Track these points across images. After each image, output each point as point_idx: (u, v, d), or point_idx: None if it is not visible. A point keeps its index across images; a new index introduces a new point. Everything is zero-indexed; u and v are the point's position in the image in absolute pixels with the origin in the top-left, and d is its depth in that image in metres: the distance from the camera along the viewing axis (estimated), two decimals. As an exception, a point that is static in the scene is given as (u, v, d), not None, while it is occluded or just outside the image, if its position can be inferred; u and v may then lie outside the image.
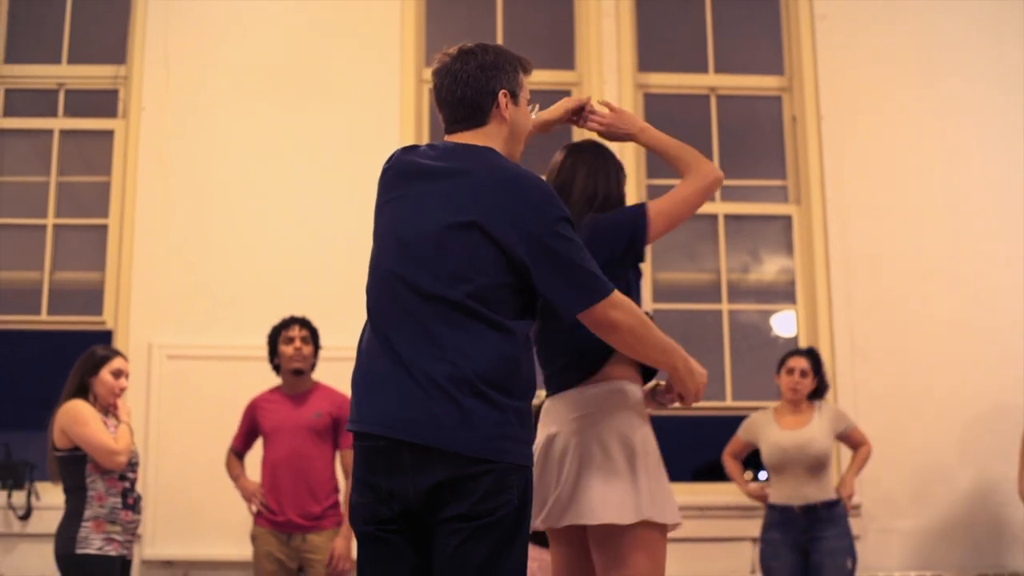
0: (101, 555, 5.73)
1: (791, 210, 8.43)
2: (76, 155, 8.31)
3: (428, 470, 3.20)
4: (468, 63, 3.52)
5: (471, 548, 3.19)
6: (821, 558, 6.69)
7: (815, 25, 8.51)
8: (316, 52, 8.23)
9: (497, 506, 3.20)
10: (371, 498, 3.31)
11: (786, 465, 6.80)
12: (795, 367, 7.00)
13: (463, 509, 3.19)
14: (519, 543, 3.27)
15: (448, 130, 3.57)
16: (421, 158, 3.49)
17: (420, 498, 3.23)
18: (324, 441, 6.71)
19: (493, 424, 3.21)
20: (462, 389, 3.20)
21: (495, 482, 3.20)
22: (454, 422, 3.18)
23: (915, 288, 8.13)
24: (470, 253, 3.29)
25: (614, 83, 8.31)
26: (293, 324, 6.83)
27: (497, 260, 3.29)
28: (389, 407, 3.26)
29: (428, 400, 3.20)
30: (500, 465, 3.21)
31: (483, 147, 3.47)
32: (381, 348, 3.33)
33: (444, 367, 3.21)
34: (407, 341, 3.28)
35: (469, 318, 3.26)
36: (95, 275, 8.01)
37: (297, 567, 6.66)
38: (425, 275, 3.30)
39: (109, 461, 5.79)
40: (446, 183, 3.39)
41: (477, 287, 3.27)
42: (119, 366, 6.07)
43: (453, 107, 3.53)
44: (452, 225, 3.31)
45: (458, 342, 3.24)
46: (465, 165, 3.40)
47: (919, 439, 7.86)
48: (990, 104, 8.48)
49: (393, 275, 3.37)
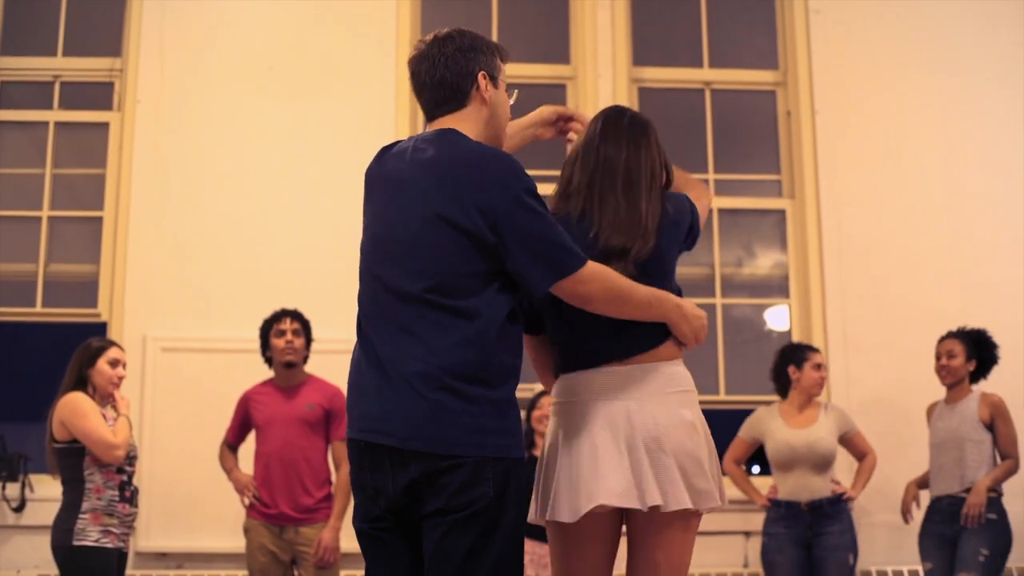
0: (98, 547, 5.74)
1: (785, 204, 8.44)
2: (71, 147, 8.30)
3: (404, 468, 3.24)
4: (445, 46, 3.52)
5: (452, 541, 3.22)
6: (823, 553, 6.71)
7: (810, 19, 8.51)
8: (312, 44, 8.22)
9: (473, 499, 3.21)
10: (361, 497, 3.38)
11: (794, 463, 6.81)
12: (822, 363, 7.06)
13: (440, 504, 3.22)
14: (503, 534, 3.26)
15: (430, 116, 3.56)
16: (397, 155, 3.49)
17: (399, 495, 3.27)
18: (316, 433, 6.71)
19: (463, 418, 3.22)
20: (430, 385, 3.22)
21: (469, 475, 3.21)
22: (423, 420, 3.21)
23: (909, 282, 8.15)
24: (438, 245, 3.29)
25: (609, 77, 8.32)
26: (284, 317, 6.83)
27: (466, 248, 3.28)
28: (368, 408, 3.31)
29: (399, 399, 3.24)
30: (472, 459, 3.22)
31: (444, 129, 3.46)
32: (363, 352, 3.38)
33: (414, 364, 3.24)
34: (383, 341, 3.31)
35: (437, 312, 3.27)
36: (90, 267, 8.01)
37: (290, 559, 6.66)
38: (397, 273, 3.33)
39: (107, 455, 5.79)
40: (415, 177, 3.38)
41: (444, 279, 3.27)
42: (116, 356, 6.08)
43: (433, 90, 3.52)
44: (419, 220, 3.32)
45: (427, 337, 3.25)
46: (431, 155, 3.39)
47: (912, 433, 7.85)
48: (985, 97, 8.50)
49: (372, 276, 3.41)
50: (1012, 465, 6.85)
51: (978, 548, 6.63)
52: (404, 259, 3.32)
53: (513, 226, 3.27)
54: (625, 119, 3.78)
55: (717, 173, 8.50)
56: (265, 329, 6.86)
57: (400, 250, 3.34)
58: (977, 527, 6.65)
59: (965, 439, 6.85)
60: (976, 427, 6.83)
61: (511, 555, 3.29)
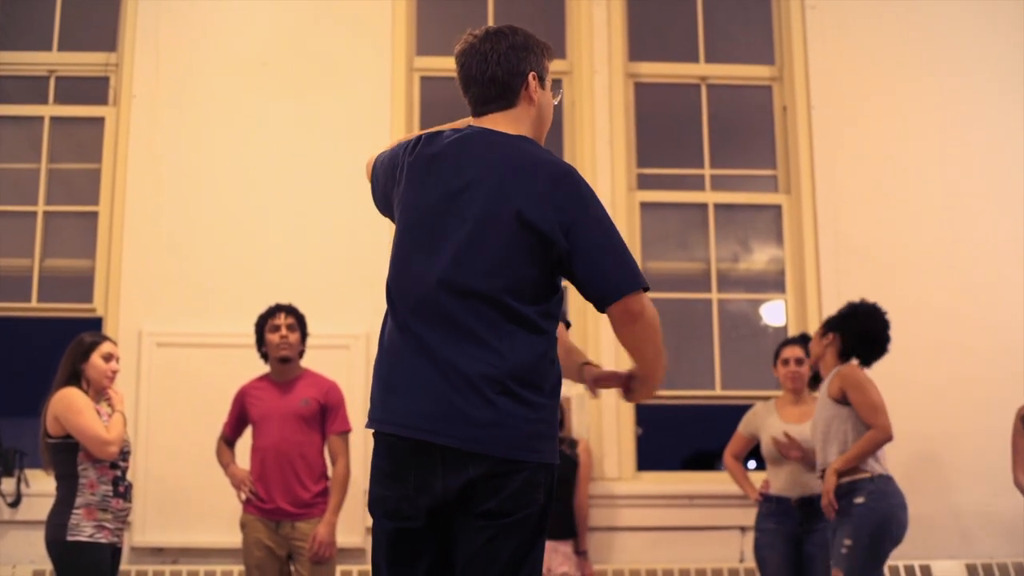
0: (92, 542, 5.73)
1: (781, 199, 8.44)
2: (67, 142, 8.30)
3: (460, 469, 3.20)
4: (499, 43, 3.48)
5: (500, 545, 3.20)
6: (814, 550, 6.68)
7: (806, 15, 8.52)
8: (307, 40, 8.22)
9: (526, 503, 3.21)
10: (396, 492, 3.28)
11: (785, 459, 6.79)
12: (790, 357, 6.99)
13: (493, 506, 3.19)
14: (541, 540, 3.28)
15: (477, 112, 3.52)
16: (448, 147, 3.42)
17: (451, 495, 3.22)
18: (312, 428, 6.70)
19: (525, 423, 3.21)
20: (495, 388, 3.19)
21: (525, 481, 3.20)
22: (487, 422, 3.18)
23: (905, 277, 8.15)
24: (507, 245, 3.25)
25: (605, 72, 8.31)
26: (279, 312, 6.82)
27: (535, 251, 3.25)
28: (417, 405, 3.24)
29: (459, 399, 3.19)
30: (531, 464, 3.21)
31: (517, 136, 3.42)
32: (407, 344, 3.29)
33: (477, 365, 3.20)
34: (438, 338, 3.24)
35: (504, 314, 3.23)
36: (85, 262, 8.01)
37: (286, 554, 6.66)
38: (456, 266, 3.26)
39: (101, 451, 5.78)
40: (477, 172, 3.33)
41: (513, 281, 3.24)
42: (109, 350, 6.07)
43: (483, 86, 3.47)
44: (489, 216, 3.27)
45: (492, 340, 3.22)
46: (497, 153, 3.35)
47: (908, 427, 7.84)
48: (982, 93, 8.50)
49: (423, 269, 3.31)
50: (875, 435, 6.12)
51: (841, 539, 6.03)
52: (469, 254, 3.26)
53: (591, 237, 3.26)
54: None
55: (713, 168, 8.49)
56: (260, 324, 6.85)
57: (463, 245, 3.27)
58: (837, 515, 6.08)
59: (818, 420, 6.33)
60: (826, 405, 6.28)
61: (540, 560, 3.31)
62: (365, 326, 7.58)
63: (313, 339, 6.97)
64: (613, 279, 3.26)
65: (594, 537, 7.50)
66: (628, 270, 3.27)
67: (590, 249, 3.26)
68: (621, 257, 3.28)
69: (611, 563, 7.56)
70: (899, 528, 6.13)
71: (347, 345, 7.60)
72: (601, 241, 3.27)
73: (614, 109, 8.19)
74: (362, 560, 7.49)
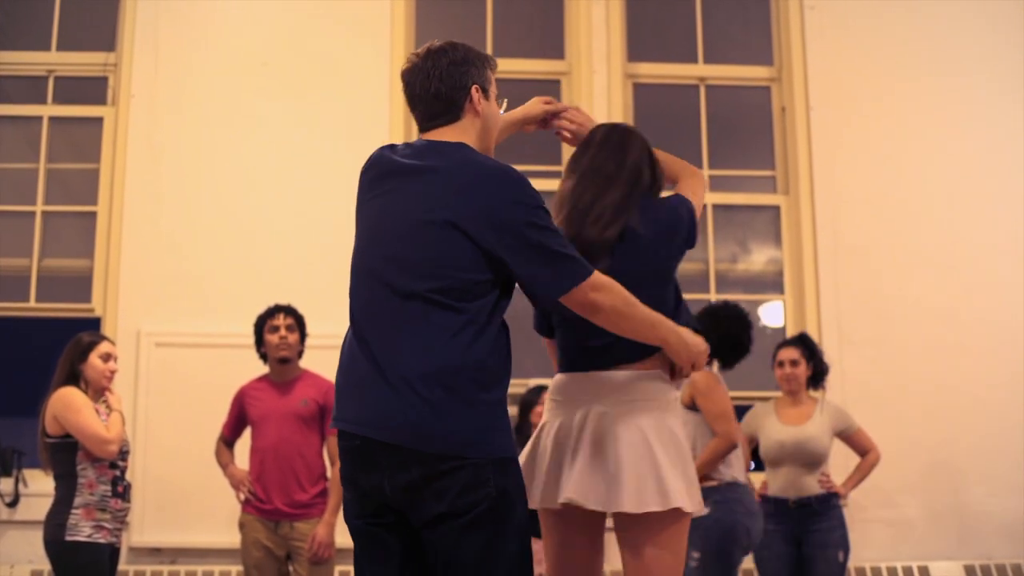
0: (90, 542, 5.73)
1: (779, 200, 8.45)
2: (65, 142, 8.30)
3: (402, 468, 3.24)
4: (440, 60, 3.54)
5: (464, 547, 3.23)
6: (812, 551, 6.68)
7: (804, 15, 8.52)
8: (306, 41, 8.22)
9: (476, 500, 3.22)
10: (354, 493, 3.39)
11: (783, 460, 6.78)
12: (785, 359, 6.98)
13: (443, 508, 3.22)
14: (512, 531, 3.29)
15: (424, 127, 3.60)
16: (399, 157, 3.52)
17: (396, 495, 3.27)
18: (311, 429, 6.70)
19: (464, 419, 3.24)
20: (431, 386, 3.22)
21: (471, 477, 3.23)
22: (425, 420, 3.21)
23: (903, 278, 8.16)
24: (444, 250, 3.32)
25: (603, 73, 8.32)
26: (278, 312, 6.82)
27: (473, 256, 3.31)
28: (363, 406, 3.31)
29: (399, 398, 3.23)
30: (472, 460, 3.23)
31: (455, 143, 3.50)
32: (358, 347, 3.37)
33: (415, 364, 3.24)
34: (380, 339, 3.32)
35: (439, 312, 3.28)
36: (84, 262, 8.01)
37: (285, 555, 6.65)
38: (399, 272, 3.34)
39: (101, 450, 5.78)
40: (421, 181, 3.41)
41: (450, 282, 3.29)
42: (107, 350, 6.06)
43: (428, 103, 3.55)
44: (426, 222, 3.34)
45: (427, 338, 3.27)
46: (439, 162, 3.42)
47: (906, 428, 7.88)
48: (980, 93, 8.50)
49: (370, 274, 3.41)
50: (718, 444, 6.05)
51: (691, 552, 5.80)
52: (408, 259, 3.34)
53: (525, 240, 3.32)
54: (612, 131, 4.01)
55: (712, 169, 8.49)
56: (259, 325, 6.85)
57: (404, 250, 3.36)
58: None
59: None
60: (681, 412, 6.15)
61: (523, 551, 3.32)
62: (364, 326, 7.57)
63: (312, 339, 6.97)
64: (548, 279, 3.36)
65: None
66: (563, 267, 3.36)
67: (529, 251, 3.33)
68: (553, 255, 3.35)
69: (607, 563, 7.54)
70: (748, 536, 6.13)
71: (346, 345, 7.59)
72: (538, 243, 3.33)
73: (612, 110, 8.19)
74: (360, 560, 7.48)
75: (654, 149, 3.98)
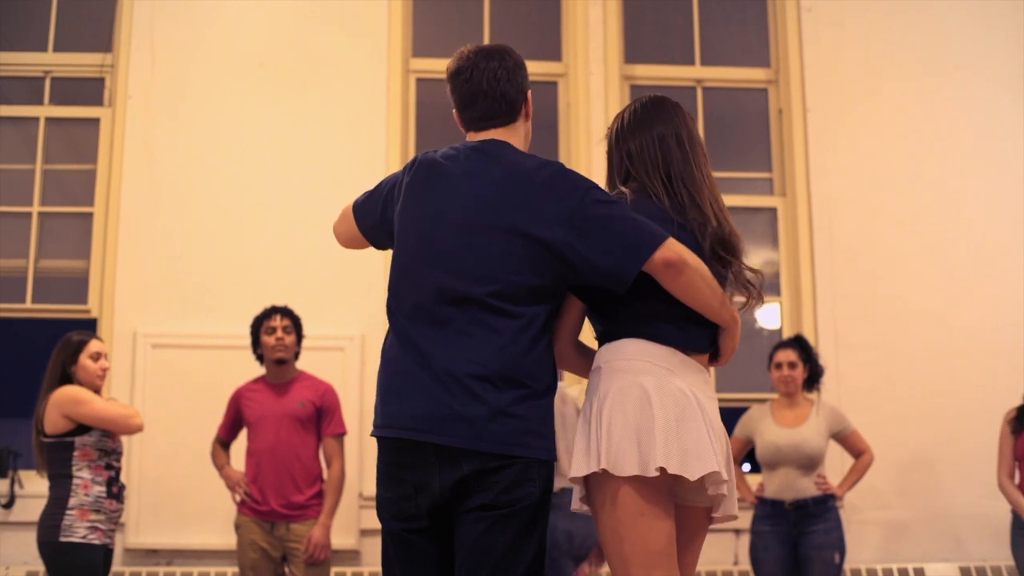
0: (85, 543, 5.72)
1: (776, 202, 8.45)
2: (62, 143, 8.29)
3: (454, 466, 3.28)
4: (505, 60, 3.59)
5: (495, 536, 3.28)
6: (808, 552, 6.69)
7: (801, 17, 8.52)
8: (303, 42, 8.22)
9: (520, 497, 3.28)
10: (398, 492, 3.39)
11: (779, 462, 6.79)
12: (783, 361, 6.98)
13: (487, 499, 3.27)
14: (539, 532, 3.35)
15: (477, 127, 3.61)
16: (448, 159, 3.52)
17: (446, 492, 3.31)
18: (308, 431, 6.70)
19: (516, 420, 3.28)
20: (485, 387, 3.27)
21: (517, 475, 3.28)
22: (477, 420, 3.25)
23: (900, 281, 8.16)
24: (503, 253, 3.34)
25: (600, 74, 8.32)
26: (275, 314, 6.82)
27: (533, 260, 3.34)
28: (413, 407, 3.32)
29: (451, 399, 3.27)
30: (523, 460, 3.29)
31: (506, 144, 3.53)
32: (403, 351, 3.39)
33: (468, 366, 3.28)
34: (432, 341, 3.34)
35: (495, 316, 3.32)
36: (80, 263, 8.00)
37: (281, 556, 6.65)
38: (454, 275, 3.36)
39: (128, 426, 5.86)
40: (477, 183, 3.43)
41: (508, 286, 3.32)
42: (97, 349, 6.05)
43: (493, 101, 3.57)
44: (485, 226, 3.37)
45: (482, 340, 3.30)
46: (494, 165, 3.45)
47: (902, 431, 7.89)
48: (978, 96, 8.51)
49: (420, 275, 3.41)
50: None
51: None
52: (465, 263, 3.36)
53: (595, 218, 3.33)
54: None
55: (709, 171, 8.48)
56: (255, 326, 6.84)
57: (460, 253, 3.38)
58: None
59: None
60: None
61: (543, 554, 3.37)
62: (360, 328, 7.59)
63: (308, 341, 6.97)
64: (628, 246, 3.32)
65: (589, 539, 7.50)
66: (644, 231, 3.34)
67: (595, 230, 3.33)
68: (632, 224, 3.34)
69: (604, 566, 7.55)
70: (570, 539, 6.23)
71: (342, 347, 7.60)
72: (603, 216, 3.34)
73: (610, 111, 8.19)
74: (356, 562, 7.49)
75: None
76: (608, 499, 3.38)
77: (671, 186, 3.56)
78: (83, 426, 5.83)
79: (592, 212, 3.34)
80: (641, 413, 3.35)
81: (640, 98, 3.76)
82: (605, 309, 3.55)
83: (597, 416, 3.40)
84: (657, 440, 3.31)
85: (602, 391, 3.44)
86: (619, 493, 3.35)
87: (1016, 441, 6.87)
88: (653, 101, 3.73)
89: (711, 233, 3.53)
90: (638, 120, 3.69)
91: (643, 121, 3.68)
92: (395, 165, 7.81)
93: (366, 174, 7.73)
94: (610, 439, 3.34)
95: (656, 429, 3.32)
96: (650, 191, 3.56)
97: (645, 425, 3.33)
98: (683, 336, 3.51)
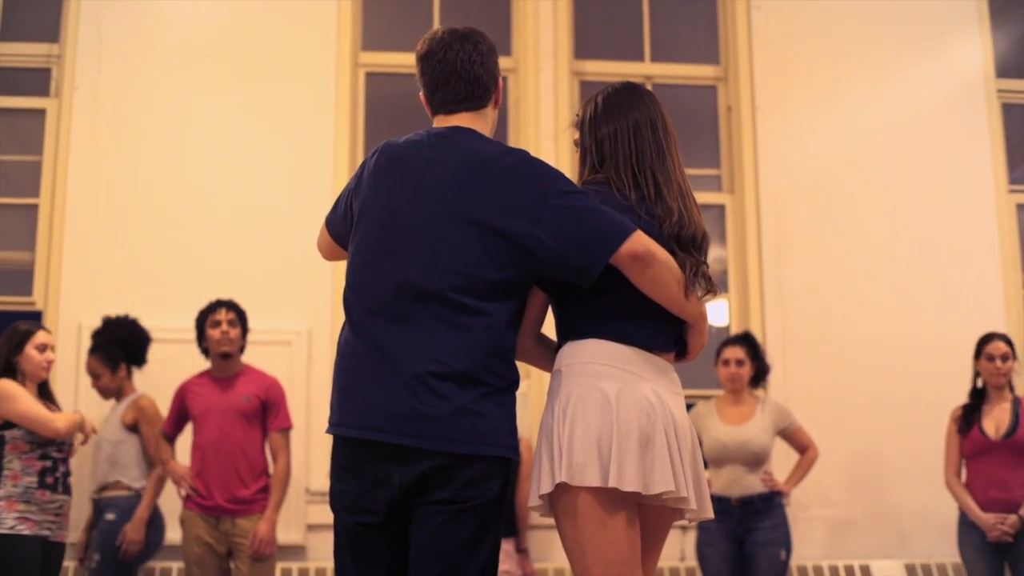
0: (12, 534, 5.64)
1: (724, 199, 8.48)
2: (7, 134, 8.21)
3: (415, 463, 3.22)
4: (479, 44, 3.52)
5: (451, 530, 3.23)
6: (754, 549, 6.71)
7: (751, 15, 8.56)
8: (252, 34, 8.18)
9: (479, 493, 3.23)
10: (355, 485, 3.32)
11: (725, 460, 6.81)
12: (730, 358, 7.00)
13: (446, 495, 3.22)
14: (495, 529, 3.31)
15: (446, 110, 3.52)
16: (410, 147, 3.44)
17: (406, 487, 3.25)
18: (253, 425, 6.68)
19: (479, 419, 3.23)
20: (448, 385, 3.21)
21: (479, 472, 3.23)
22: (438, 419, 3.19)
23: (847, 277, 8.21)
24: (465, 246, 3.27)
25: (550, 70, 8.32)
26: (220, 307, 6.79)
27: (498, 253, 3.27)
28: (373, 406, 3.25)
29: (413, 398, 3.21)
30: (484, 458, 3.24)
31: (472, 131, 3.46)
32: (363, 346, 3.31)
33: (430, 364, 3.21)
34: (392, 337, 3.26)
35: (457, 312, 3.25)
36: (25, 255, 7.93)
37: (226, 551, 6.62)
38: (414, 269, 3.28)
39: (47, 429, 5.73)
40: (440, 173, 3.36)
41: (466, 280, 3.25)
42: (43, 340, 6.00)
43: (466, 83, 3.49)
44: (450, 220, 3.29)
45: (443, 337, 3.23)
46: (453, 151, 3.38)
47: (849, 428, 7.93)
48: (927, 94, 8.56)
49: (381, 269, 3.33)
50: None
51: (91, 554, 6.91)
52: (427, 256, 3.28)
53: (562, 208, 3.27)
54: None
55: (658, 167, 8.49)
56: (200, 319, 6.81)
57: (423, 246, 3.29)
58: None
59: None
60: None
61: (497, 551, 3.34)
62: (307, 322, 7.56)
63: (254, 335, 6.95)
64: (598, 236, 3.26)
65: (535, 535, 7.50)
66: (611, 223, 3.28)
67: (561, 221, 3.26)
68: (599, 215, 3.28)
69: (551, 561, 7.56)
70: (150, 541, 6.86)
71: (288, 341, 7.57)
72: (570, 211, 3.27)
73: (559, 107, 8.21)
74: (302, 558, 7.46)
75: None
76: (569, 509, 3.32)
77: (640, 177, 3.49)
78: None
79: (557, 202, 3.26)
80: (602, 420, 3.29)
81: (612, 84, 3.68)
82: (568, 302, 3.48)
83: (559, 425, 3.34)
84: (615, 454, 3.26)
85: (563, 396, 3.38)
86: (580, 503, 3.29)
87: (962, 439, 6.91)
88: (626, 87, 3.64)
89: (673, 226, 3.44)
90: (611, 106, 3.59)
91: (617, 108, 3.58)
92: (343, 159, 7.80)
93: (314, 167, 7.74)
94: (571, 450, 3.29)
95: (616, 442, 3.27)
96: (616, 184, 3.49)
97: (606, 433, 3.28)
98: (647, 334, 3.45)
